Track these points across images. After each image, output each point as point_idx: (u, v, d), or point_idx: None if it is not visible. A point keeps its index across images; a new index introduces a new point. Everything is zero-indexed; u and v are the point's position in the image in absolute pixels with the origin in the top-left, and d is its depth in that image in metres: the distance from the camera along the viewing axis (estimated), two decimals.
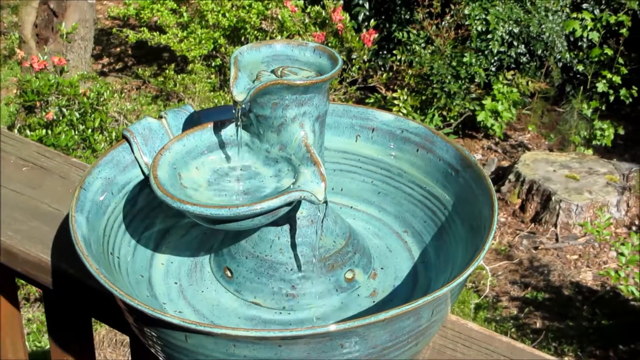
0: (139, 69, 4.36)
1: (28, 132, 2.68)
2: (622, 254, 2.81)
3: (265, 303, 0.72)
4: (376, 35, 3.43)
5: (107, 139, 2.75)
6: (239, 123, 0.72)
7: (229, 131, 0.75)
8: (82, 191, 0.73)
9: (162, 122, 0.81)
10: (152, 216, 0.79)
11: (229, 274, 0.74)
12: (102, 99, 2.84)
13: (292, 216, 0.72)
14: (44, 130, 2.65)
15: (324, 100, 0.71)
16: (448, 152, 0.79)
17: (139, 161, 0.78)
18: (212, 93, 3.67)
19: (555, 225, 3.54)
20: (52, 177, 1.00)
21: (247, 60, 0.73)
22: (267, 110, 0.70)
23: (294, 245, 0.73)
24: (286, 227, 0.72)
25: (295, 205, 0.71)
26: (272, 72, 0.73)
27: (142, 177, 0.79)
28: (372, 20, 3.72)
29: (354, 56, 3.50)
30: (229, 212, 0.64)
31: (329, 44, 3.45)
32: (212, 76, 3.88)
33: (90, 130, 2.72)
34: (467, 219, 0.75)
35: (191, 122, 0.81)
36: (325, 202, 0.68)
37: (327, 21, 3.41)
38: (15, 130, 2.74)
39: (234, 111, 0.71)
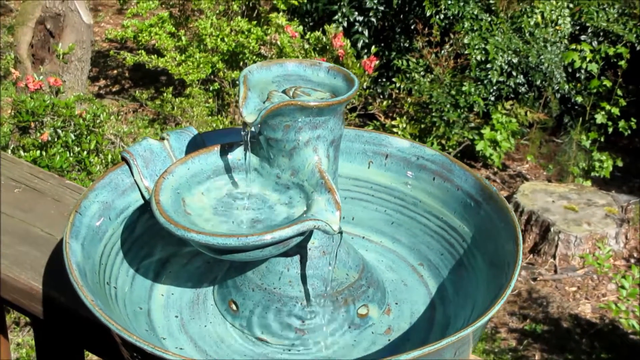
0: (136, 92, 4.33)
1: (22, 152, 2.63)
2: (623, 287, 2.77)
3: (273, 340, 0.68)
4: (377, 62, 3.41)
5: (103, 161, 2.70)
6: (247, 146, 0.67)
7: (236, 155, 0.70)
8: (77, 216, 0.68)
9: (164, 144, 0.76)
10: (152, 244, 0.75)
11: (234, 308, 0.69)
12: (98, 121, 2.80)
13: (303, 246, 0.67)
14: (39, 152, 2.60)
15: (339, 124, 0.67)
16: (467, 181, 0.75)
17: (139, 185, 0.74)
18: (210, 117, 3.63)
19: (554, 257, 3.50)
20: (45, 200, 0.95)
21: (257, 79, 0.69)
22: (278, 133, 0.65)
23: (304, 278, 0.68)
24: (296, 258, 0.68)
25: (306, 235, 0.66)
26: (284, 92, 0.69)
27: (141, 201, 0.74)
28: (373, 47, 3.70)
29: None
30: (237, 242, 0.59)
31: None
32: (210, 100, 3.84)
33: (85, 152, 2.68)
34: (488, 253, 0.70)
35: (194, 145, 0.77)
36: (340, 232, 0.63)
37: (327, 47, 3.38)
38: (9, 151, 2.69)
39: (242, 133, 0.67)
